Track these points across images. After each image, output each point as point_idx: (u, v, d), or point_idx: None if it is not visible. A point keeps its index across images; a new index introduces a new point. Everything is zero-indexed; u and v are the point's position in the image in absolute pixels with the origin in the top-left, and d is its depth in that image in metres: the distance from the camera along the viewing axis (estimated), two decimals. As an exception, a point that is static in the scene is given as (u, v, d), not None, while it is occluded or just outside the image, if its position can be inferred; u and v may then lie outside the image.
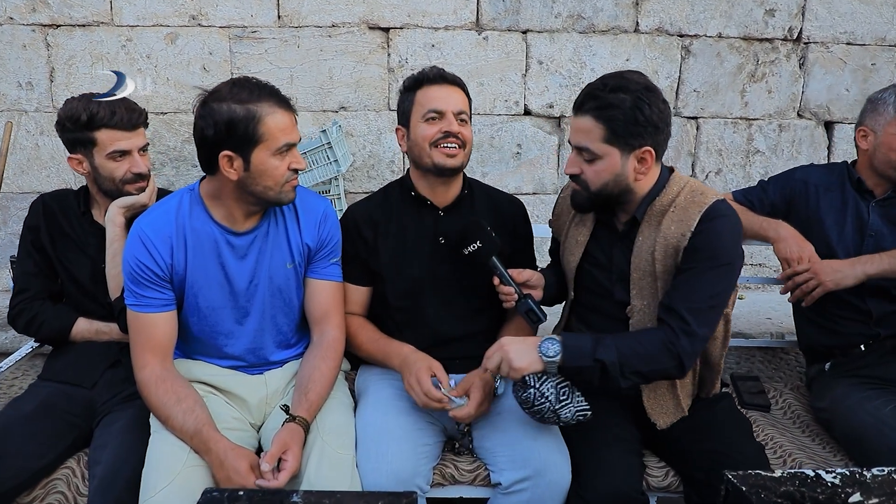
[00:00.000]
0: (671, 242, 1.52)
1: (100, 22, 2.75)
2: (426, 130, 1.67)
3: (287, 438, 1.42)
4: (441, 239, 1.76)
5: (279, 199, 1.51)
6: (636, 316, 1.60)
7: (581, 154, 1.54)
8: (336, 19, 2.81)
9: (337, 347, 1.66)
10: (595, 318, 1.72)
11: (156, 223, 1.52)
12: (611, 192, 1.55)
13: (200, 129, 1.44)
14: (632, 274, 1.59)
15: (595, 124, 1.48)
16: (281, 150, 1.46)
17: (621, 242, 1.64)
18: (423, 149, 1.68)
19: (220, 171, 1.46)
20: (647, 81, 1.50)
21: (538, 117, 2.98)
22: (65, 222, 1.83)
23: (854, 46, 2.96)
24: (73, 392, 1.71)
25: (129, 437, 1.53)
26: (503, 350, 1.46)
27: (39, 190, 2.71)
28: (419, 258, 1.75)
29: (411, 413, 1.64)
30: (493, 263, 1.62)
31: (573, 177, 1.60)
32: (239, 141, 1.42)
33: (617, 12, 2.87)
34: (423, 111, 1.67)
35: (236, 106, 1.41)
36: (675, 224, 1.52)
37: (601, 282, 1.68)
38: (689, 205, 1.52)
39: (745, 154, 3.06)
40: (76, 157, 1.73)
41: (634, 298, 1.59)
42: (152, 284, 1.51)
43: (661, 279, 1.55)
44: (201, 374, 1.63)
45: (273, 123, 1.44)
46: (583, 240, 1.71)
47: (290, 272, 1.63)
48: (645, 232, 1.58)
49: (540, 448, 1.54)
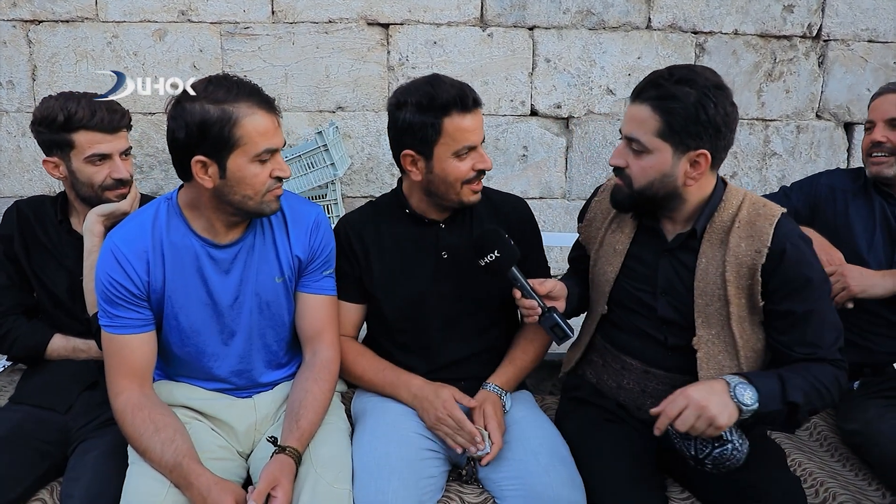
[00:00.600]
0: (745, 262, 1.43)
1: (84, 17, 2.69)
2: (459, 168, 1.53)
3: (276, 472, 1.32)
4: (444, 254, 1.64)
5: (260, 210, 1.42)
6: (703, 348, 1.48)
7: (630, 145, 1.45)
8: (333, 15, 2.76)
9: (331, 368, 1.56)
10: (625, 336, 1.62)
11: (130, 236, 1.43)
12: (655, 192, 1.45)
13: (172, 131, 1.35)
14: (696, 301, 1.48)
15: (652, 115, 1.40)
16: (261, 155, 1.36)
17: (671, 255, 1.54)
18: (452, 186, 1.55)
19: (194, 178, 1.36)
20: (719, 80, 1.40)
21: (545, 118, 2.92)
22: (41, 231, 1.76)
23: (876, 44, 2.90)
24: (46, 417, 1.62)
25: (104, 468, 1.44)
26: (698, 405, 1.29)
27: (21, 194, 2.66)
28: (420, 275, 1.64)
29: (414, 441, 1.53)
30: (512, 275, 1.50)
31: (616, 170, 1.50)
32: (213, 145, 1.33)
33: (628, 8, 2.81)
34: (455, 146, 1.51)
35: (210, 106, 1.31)
36: (746, 241, 1.44)
37: (639, 296, 1.57)
38: (754, 219, 1.45)
39: (761, 157, 2.99)
40: (52, 161, 1.66)
41: (700, 328, 1.49)
42: (127, 304, 1.42)
43: (734, 303, 1.45)
44: (184, 398, 1.54)
45: (252, 126, 1.34)
46: (621, 248, 1.60)
47: (280, 287, 1.53)
48: (708, 252, 1.48)
49: (553, 482, 1.43)
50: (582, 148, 2.93)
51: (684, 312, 1.51)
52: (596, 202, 1.73)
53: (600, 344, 1.68)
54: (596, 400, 1.67)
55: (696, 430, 1.29)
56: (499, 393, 1.60)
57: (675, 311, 1.52)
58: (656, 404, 1.51)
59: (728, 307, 1.45)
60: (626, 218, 1.63)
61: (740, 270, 1.44)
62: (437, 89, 1.50)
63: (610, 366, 1.65)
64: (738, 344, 1.47)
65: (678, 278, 1.52)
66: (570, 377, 1.78)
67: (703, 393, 1.31)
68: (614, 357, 1.64)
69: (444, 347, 1.65)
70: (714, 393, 1.31)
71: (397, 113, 1.53)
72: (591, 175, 2.96)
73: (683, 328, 1.52)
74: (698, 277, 1.48)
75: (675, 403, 1.31)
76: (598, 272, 1.65)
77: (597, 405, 1.66)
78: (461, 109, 1.49)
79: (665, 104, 1.38)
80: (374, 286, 1.65)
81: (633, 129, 1.43)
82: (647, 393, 1.58)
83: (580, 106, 2.89)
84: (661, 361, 1.56)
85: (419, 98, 1.50)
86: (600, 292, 1.64)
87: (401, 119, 1.53)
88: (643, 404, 1.58)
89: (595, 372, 1.71)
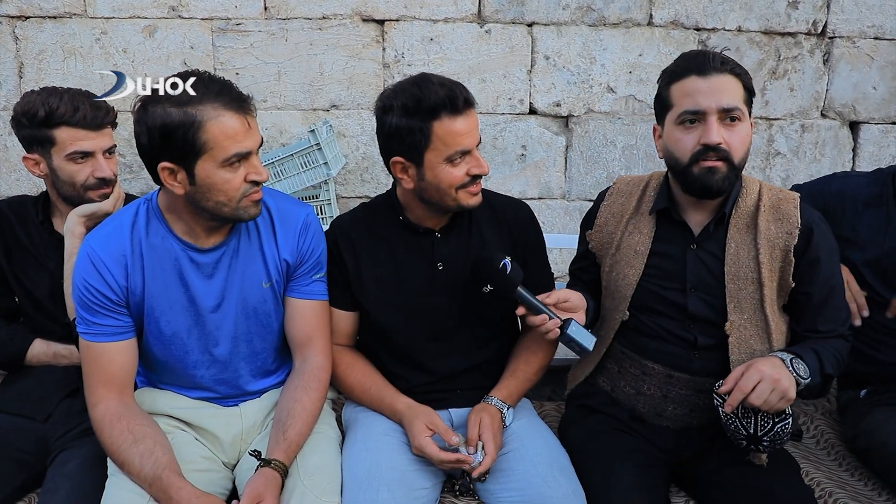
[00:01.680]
0: (777, 243, 1.48)
1: (72, 13, 2.64)
2: (452, 174, 1.44)
3: (260, 488, 1.29)
4: (439, 265, 1.58)
5: (237, 217, 1.36)
6: (735, 333, 1.50)
7: (725, 118, 1.42)
8: (327, 11, 2.71)
9: (321, 376, 1.52)
10: (647, 340, 1.59)
11: (107, 240, 1.39)
12: (743, 166, 1.50)
13: (136, 136, 1.30)
14: (728, 286, 1.50)
15: (735, 83, 1.42)
16: (230, 160, 1.29)
17: (698, 248, 1.54)
18: (447, 193, 1.47)
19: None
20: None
21: (544, 116, 2.88)
22: (22, 233, 1.73)
23: (882, 41, 2.86)
24: (24, 425, 1.61)
25: (83, 479, 1.42)
26: (772, 378, 1.32)
27: (8, 194, 2.62)
28: (412, 288, 1.57)
29: (405, 452, 1.49)
30: (519, 294, 1.42)
31: (713, 148, 1.41)
32: (178, 151, 1.27)
33: (629, 4, 2.77)
34: (447, 152, 1.42)
35: (172, 109, 1.25)
36: (775, 224, 1.49)
37: (666, 295, 1.55)
38: (777, 203, 1.51)
39: (765, 156, 2.95)
40: (32, 158, 1.64)
41: (732, 313, 1.50)
42: (105, 310, 1.38)
43: (767, 285, 1.48)
44: (167, 407, 1.51)
45: (218, 130, 1.26)
46: (643, 249, 1.58)
47: (267, 292, 1.49)
48: (737, 237, 1.51)
49: (553, 494, 1.39)
50: (582, 147, 2.90)
51: (715, 305, 1.52)
52: (605, 205, 1.70)
53: (617, 350, 1.64)
54: (607, 409, 1.64)
55: (769, 403, 1.31)
56: (500, 407, 1.54)
57: (707, 306, 1.52)
58: (678, 410, 1.56)
59: (762, 290, 1.48)
60: (643, 217, 1.61)
61: (773, 252, 1.47)
62: (424, 91, 1.40)
63: (628, 371, 1.62)
64: (771, 327, 1.49)
65: (707, 270, 1.53)
66: (580, 386, 1.74)
67: (772, 367, 1.34)
68: (633, 362, 1.61)
69: (440, 361, 1.60)
70: (779, 367, 1.35)
71: (384, 118, 1.45)
72: (592, 175, 2.92)
73: (714, 325, 1.52)
74: (729, 262, 1.50)
75: (748, 378, 1.32)
76: (618, 277, 1.62)
77: (608, 414, 1.63)
78: (451, 111, 1.39)
79: (742, 72, 1.43)
80: (364, 296, 1.58)
81: (726, 99, 1.40)
82: (668, 398, 1.56)
83: (580, 104, 2.85)
84: (686, 365, 1.55)
85: (405, 101, 1.41)
86: (620, 297, 1.60)
87: (388, 124, 1.44)
88: (664, 410, 1.58)
89: (609, 379, 1.67)
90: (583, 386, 1.73)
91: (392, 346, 1.60)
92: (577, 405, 1.72)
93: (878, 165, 2.90)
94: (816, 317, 1.52)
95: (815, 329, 1.52)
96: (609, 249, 1.65)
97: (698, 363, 1.53)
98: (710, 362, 1.53)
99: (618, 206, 1.66)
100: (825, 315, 1.52)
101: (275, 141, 2.79)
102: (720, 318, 1.51)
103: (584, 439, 1.59)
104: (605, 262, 1.66)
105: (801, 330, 1.54)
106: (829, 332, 1.52)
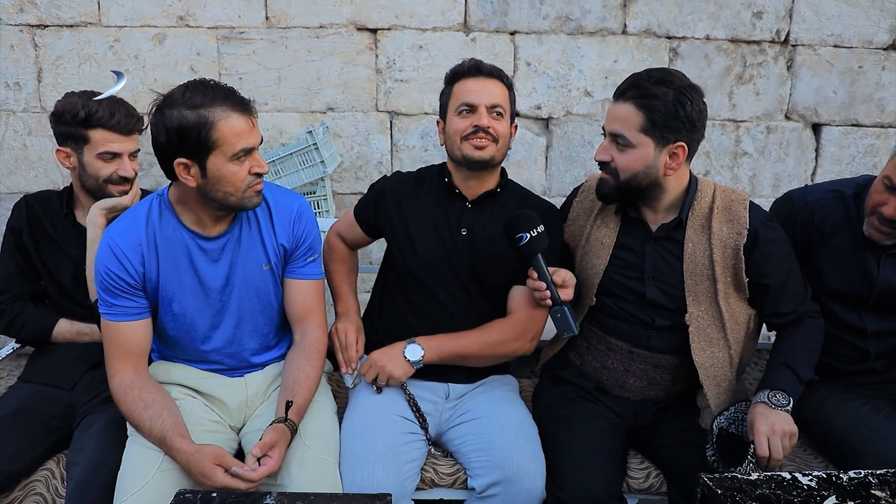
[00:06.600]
0: (728, 243, 1.57)
1: (87, 22, 2.73)
2: (458, 124, 1.67)
3: (276, 437, 1.40)
4: (463, 230, 1.72)
5: (242, 205, 1.47)
6: (695, 322, 1.61)
7: (615, 141, 1.55)
8: (324, 20, 2.80)
9: (320, 348, 1.64)
10: (612, 321, 1.70)
11: (126, 232, 1.50)
12: (639, 183, 1.56)
13: (154, 136, 1.41)
14: (686, 281, 1.60)
15: (635, 112, 1.50)
16: (238, 155, 1.41)
17: (656, 243, 1.64)
18: (455, 142, 1.68)
19: (178, 177, 1.44)
20: (690, 81, 1.54)
21: (526, 119, 2.97)
22: (48, 224, 1.83)
23: (841, 49, 2.95)
24: (52, 393, 1.70)
25: (106, 439, 1.52)
26: (783, 431, 1.40)
27: (27, 190, 2.63)
28: (437, 245, 1.72)
29: (398, 426, 1.62)
30: (537, 261, 1.55)
31: (602, 164, 1.60)
32: (192, 148, 1.38)
33: (605, 14, 2.86)
34: (456, 104, 1.67)
35: (188, 112, 1.36)
36: (727, 225, 1.57)
37: (628, 284, 1.66)
38: (729, 204, 1.59)
39: (732, 156, 3.05)
40: (65, 150, 1.73)
41: (691, 305, 1.61)
42: (124, 293, 1.49)
43: (721, 280, 1.58)
44: (180, 377, 1.62)
45: (227, 129, 1.38)
46: (609, 242, 1.68)
47: (267, 274, 1.61)
48: (693, 238, 1.60)
49: (513, 454, 1.52)
50: (561, 147, 2.98)
51: (672, 294, 1.62)
52: (577, 201, 1.80)
53: (586, 328, 1.75)
54: (576, 380, 1.75)
55: (786, 450, 1.40)
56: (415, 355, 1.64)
57: (663, 294, 1.62)
58: (637, 383, 1.67)
59: (716, 285, 1.58)
60: (609, 213, 1.71)
61: (725, 251, 1.57)
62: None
63: (595, 348, 1.73)
64: (725, 317, 1.59)
65: (665, 263, 1.63)
66: (553, 359, 1.85)
67: (772, 417, 1.42)
68: (600, 339, 1.72)
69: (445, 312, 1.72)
70: (777, 414, 1.43)
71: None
72: (570, 173, 3.00)
73: (669, 310, 1.63)
74: (687, 261, 1.60)
75: (773, 444, 1.39)
76: (586, 266, 1.72)
77: (576, 384, 1.74)
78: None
79: (647, 102, 1.49)
80: (398, 243, 1.76)
81: (617, 126, 1.53)
82: (629, 372, 1.68)
83: (559, 107, 2.93)
84: (645, 342, 1.66)
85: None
86: (589, 285, 1.70)
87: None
88: (625, 383, 1.69)
89: (579, 354, 1.78)
90: (555, 359, 1.84)
91: (410, 286, 1.74)
92: (549, 375, 1.84)
93: (838, 164, 3.05)
94: (777, 302, 1.60)
95: (778, 312, 1.60)
96: (579, 241, 1.75)
97: (655, 341, 1.65)
98: (666, 341, 1.65)
99: (588, 201, 1.77)
100: (784, 299, 1.60)
101: (275, 141, 2.87)
102: (675, 304, 1.62)
103: (554, 405, 1.71)
104: (576, 252, 1.77)
105: (766, 315, 1.62)
106: (792, 311, 1.60)
